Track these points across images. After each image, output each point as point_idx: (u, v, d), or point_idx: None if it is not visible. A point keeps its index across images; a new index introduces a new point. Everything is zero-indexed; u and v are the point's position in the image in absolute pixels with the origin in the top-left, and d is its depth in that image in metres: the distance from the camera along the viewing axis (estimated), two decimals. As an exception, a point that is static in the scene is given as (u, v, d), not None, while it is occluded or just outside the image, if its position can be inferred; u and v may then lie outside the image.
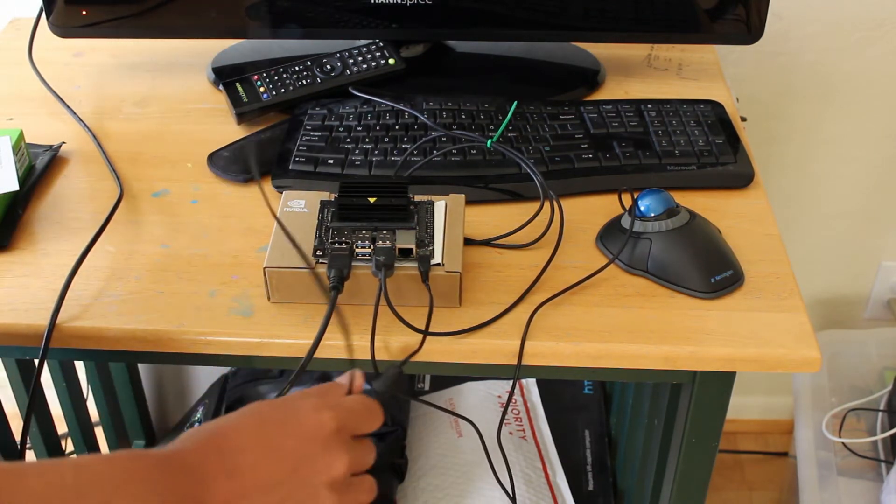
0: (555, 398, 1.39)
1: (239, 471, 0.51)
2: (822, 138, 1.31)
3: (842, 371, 1.34)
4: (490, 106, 0.89)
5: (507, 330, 0.69)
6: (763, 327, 0.69)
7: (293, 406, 0.54)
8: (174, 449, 0.51)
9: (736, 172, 0.84)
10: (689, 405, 0.75)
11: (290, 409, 0.54)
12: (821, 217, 1.39)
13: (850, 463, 1.23)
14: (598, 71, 1.02)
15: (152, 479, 0.49)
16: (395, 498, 1.20)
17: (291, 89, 0.93)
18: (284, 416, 0.53)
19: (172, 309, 0.70)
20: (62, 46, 1.01)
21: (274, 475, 0.52)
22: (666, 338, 0.69)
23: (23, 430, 0.80)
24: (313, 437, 0.53)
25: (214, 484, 0.50)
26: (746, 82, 1.24)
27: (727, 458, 1.61)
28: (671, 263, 0.73)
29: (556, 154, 0.84)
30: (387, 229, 0.70)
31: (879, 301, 1.47)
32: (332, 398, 0.56)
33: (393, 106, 0.89)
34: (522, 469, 1.25)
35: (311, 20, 0.96)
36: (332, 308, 0.66)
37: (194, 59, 1.03)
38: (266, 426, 0.53)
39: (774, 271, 0.75)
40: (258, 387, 1.31)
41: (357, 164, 0.83)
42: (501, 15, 0.95)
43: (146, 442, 1.48)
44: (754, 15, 0.93)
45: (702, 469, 0.79)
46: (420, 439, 1.28)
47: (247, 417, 0.53)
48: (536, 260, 0.75)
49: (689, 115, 0.89)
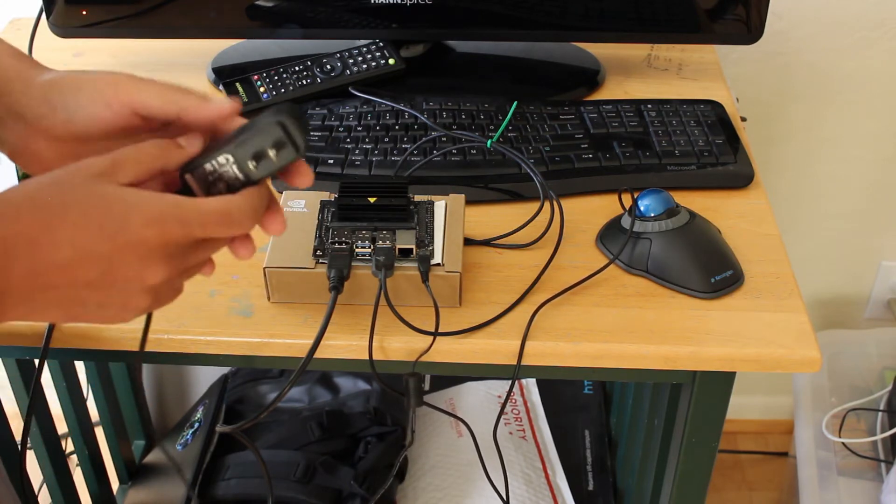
0: (555, 398, 1.39)
1: (44, 267, 0.49)
2: (822, 138, 1.31)
3: (842, 371, 1.34)
4: (490, 106, 0.89)
5: (507, 330, 0.69)
6: (763, 327, 0.70)
7: (124, 213, 0.50)
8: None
9: (736, 172, 0.84)
10: (689, 405, 0.75)
11: (118, 216, 0.50)
12: (821, 217, 1.39)
13: (850, 463, 1.23)
14: (598, 71, 1.02)
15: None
16: (395, 498, 1.20)
17: (291, 89, 0.93)
18: (108, 222, 0.50)
19: (172, 309, 0.70)
20: (62, 46, 1.01)
21: (81, 276, 0.50)
22: (666, 338, 0.69)
23: (23, 430, 0.80)
24: (131, 248, 0.50)
25: (14, 271, 0.48)
26: (746, 82, 1.24)
27: (727, 458, 1.61)
28: (671, 263, 0.73)
29: (556, 154, 0.84)
30: (387, 229, 0.70)
31: (879, 301, 1.47)
32: (175, 210, 0.51)
33: (393, 106, 0.89)
34: (522, 469, 1.25)
35: (311, 20, 0.96)
36: (332, 308, 0.66)
37: (194, 59, 1.03)
38: (87, 228, 0.49)
39: (774, 271, 0.75)
40: (258, 387, 1.31)
41: (357, 164, 0.83)
42: (501, 15, 0.95)
43: (146, 442, 1.48)
44: (754, 15, 0.93)
45: (702, 469, 0.79)
46: (420, 439, 1.28)
47: (72, 211, 0.49)
48: (536, 260, 0.75)
49: (689, 115, 0.89)
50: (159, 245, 0.50)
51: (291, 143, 0.53)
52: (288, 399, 1.28)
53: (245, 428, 0.65)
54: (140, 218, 0.50)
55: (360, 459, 1.18)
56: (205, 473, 1.18)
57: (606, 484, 1.30)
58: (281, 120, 0.52)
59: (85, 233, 0.49)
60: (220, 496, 1.16)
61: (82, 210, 0.49)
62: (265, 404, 1.17)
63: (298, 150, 0.53)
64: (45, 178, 0.50)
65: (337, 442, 1.20)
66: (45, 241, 0.48)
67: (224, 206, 0.52)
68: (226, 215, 0.52)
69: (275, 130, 0.53)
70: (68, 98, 0.58)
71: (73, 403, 1.18)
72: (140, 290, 0.52)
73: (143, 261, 0.50)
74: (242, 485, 1.17)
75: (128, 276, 0.51)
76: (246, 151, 0.53)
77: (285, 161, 0.53)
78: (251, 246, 0.56)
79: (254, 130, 0.53)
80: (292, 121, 0.53)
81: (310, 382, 1.30)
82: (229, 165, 0.53)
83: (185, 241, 0.52)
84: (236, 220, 0.53)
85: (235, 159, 0.53)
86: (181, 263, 0.53)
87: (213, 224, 0.52)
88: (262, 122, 0.53)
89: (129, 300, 0.52)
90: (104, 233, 0.49)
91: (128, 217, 0.50)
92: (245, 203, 0.53)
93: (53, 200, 0.49)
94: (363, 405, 1.24)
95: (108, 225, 0.49)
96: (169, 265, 0.51)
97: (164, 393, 1.51)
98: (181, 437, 1.29)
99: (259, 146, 0.53)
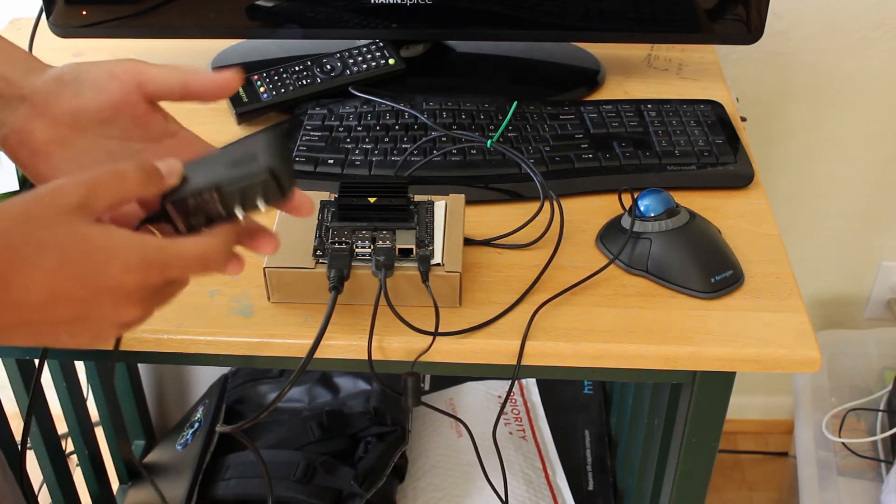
0: (555, 398, 1.39)
1: (16, 307, 0.48)
2: (822, 138, 1.31)
3: (842, 371, 1.34)
4: (490, 106, 0.89)
5: (507, 330, 0.69)
6: (763, 327, 0.70)
7: (104, 260, 0.49)
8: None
9: (736, 172, 0.84)
10: (689, 405, 0.75)
11: (98, 263, 0.49)
12: (821, 217, 1.39)
13: (850, 463, 1.23)
14: (598, 71, 1.02)
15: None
16: (395, 498, 1.20)
17: (291, 89, 0.93)
18: (87, 269, 0.49)
19: (172, 309, 0.70)
20: (62, 46, 1.01)
21: (54, 315, 0.49)
22: (666, 338, 0.69)
23: (23, 430, 0.80)
24: (109, 294, 0.50)
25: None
26: (746, 82, 1.24)
27: (727, 458, 1.61)
28: (671, 263, 0.73)
29: (556, 154, 0.84)
30: (387, 229, 0.70)
31: (879, 301, 1.47)
32: (157, 256, 0.51)
33: (393, 106, 0.89)
34: (522, 469, 1.25)
35: (311, 20, 0.96)
36: (332, 308, 0.66)
37: (194, 59, 1.03)
38: (63, 272, 0.48)
39: (774, 271, 0.75)
40: (258, 387, 1.31)
41: (357, 164, 0.83)
42: (501, 15, 0.95)
43: (146, 442, 1.48)
44: (754, 15, 0.93)
45: (702, 469, 0.79)
46: (420, 439, 1.28)
47: (49, 255, 0.48)
48: (536, 260, 0.75)
49: (689, 115, 0.89)
50: (137, 289, 0.50)
51: (279, 189, 0.53)
52: (288, 399, 1.28)
53: (245, 428, 0.65)
54: (120, 265, 0.49)
55: (359, 459, 1.18)
56: (205, 473, 1.18)
57: (606, 484, 1.30)
58: (272, 167, 0.52)
59: (61, 278, 0.48)
60: (220, 496, 1.16)
61: (61, 256, 0.48)
62: (265, 404, 1.17)
63: (285, 195, 0.54)
64: (14, 209, 0.48)
65: (337, 442, 1.20)
66: (18, 283, 0.47)
67: (203, 250, 0.53)
68: (204, 258, 0.53)
69: (264, 176, 0.53)
70: (80, 75, 0.59)
71: (73, 403, 1.18)
72: (113, 325, 0.52)
73: (118, 303, 0.50)
74: (242, 485, 1.17)
75: (103, 315, 0.50)
76: (233, 192, 0.53)
77: (271, 204, 0.54)
78: (241, 264, 0.56)
79: (242, 170, 0.53)
80: (282, 165, 0.53)
81: (310, 382, 1.30)
82: (214, 203, 0.53)
83: (162, 282, 0.52)
84: (212, 261, 0.53)
85: (221, 197, 0.53)
86: (154, 302, 0.53)
87: (191, 267, 0.53)
88: (252, 165, 0.53)
89: (101, 332, 0.52)
90: (81, 278, 0.48)
91: (108, 264, 0.49)
92: (221, 245, 0.54)
93: (29, 239, 0.48)
94: (363, 405, 1.24)
95: (86, 271, 0.48)
96: (143, 305, 0.52)
97: (164, 393, 1.52)
98: (181, 437, 1.29)
99: (247, 192, 0.53)
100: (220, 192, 0.53)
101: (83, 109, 0.59)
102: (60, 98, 0.58)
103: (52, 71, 0.60)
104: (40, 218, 0.48)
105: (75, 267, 0.48)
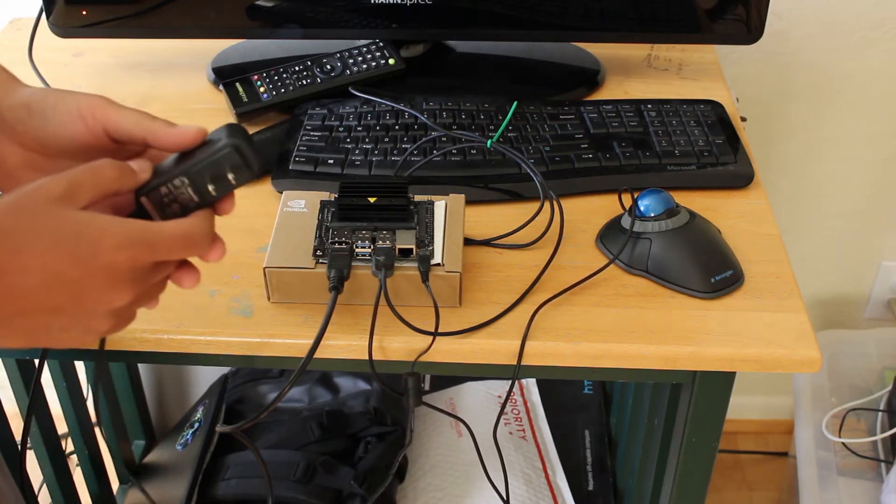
0: (555, 398, 1.39)
1: (13, 293, 0.49)
2: (822, 138, 1.31)
3: (842, 371, 1.34)
4: (490, 106, 0.89)
5: (507, 330, 0.69)
6: (763, 327, 0.70)
7: (95, 238, 0.50)
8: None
9: (736, 172, 0.84)
10: (689, 405, 0.75)
11: (90, 241, 0.50)
12: (821, 217, 1.39)
13: (850, 463, 1.23)
14: (598, 71, 1.02)
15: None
16: (395, 498, 1.20)
17: (291, 89, 0.93)
18: (79, 248, 0.50)
19: (172, 309, 0.70)
20: (62, 46, 1.01)
21: (50, 301, 0.50)
22: (666, 338, 0.69)
23: (23, 430, 0.81)
24: (102, 273, 0.51)
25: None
26: (746, 82, 1.24)
27: (727, 458, 1.61)
28: (671, 263, 0.73)
29: (556, 154, 0.84)
30: (387, 229, 0.70)
31: (879, 301, 1.47)
32: (143, 234, 0.52)
33: (393, 106, 0.89)
34: (522, 469, 1.25)
35: (311, 20, 0.96)
36: (332, 308, 0.66)
37: (194, 59, 1.03)
38: (57, 254, 0.49)
39: (774, 271, 0.75)
40: (258, 387, 1.31)
41: (357, 164, 0.83)
42: (501, 15, 0.95)
43: (146, 442, 1.48)
44: (754, 15, 0.94)
45: (702, 469, 0.79)
46: (420, 439, 1.28)
47: (42, 237, 0.49)
48: (536, 260, 0.75)
49: (689, 115, 0.89)
50: (128, 269, 0.52)
51: (247, 165, 0.56)
52: (288, 399, 1.28)
53: (245, 428, 0.65)
54: (111, 243, 0.51)
55: (360, 459, 1.18)
56: (205, 473, 1.18)
57: (606, 484, 1.30)
58: (236, 143, 0.55)
59: (55, 259, 0.49)
60: (220, 496, 1.16)
61: (53, 237, 0.49)
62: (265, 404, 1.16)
63: (253, 171, 0.56)
64: (2, 202, 0.50)
65: (337, 442, 1.20)
66: (13, 267, 0.48)
67: (186, 230, 0.55)
68: (188, 237, 0.55)
69: (231, 154, 0.55)
70: (47, 107, 0.59)
71: (73, 403, 1.18)
72: (105, 312, 0.53)
73: (111, 284, 0.51)
74: (242, 485, 1.17)
75: (96, 299, 0.52)
76: (201, 171, 0.56)
77: (243, 182, 0.56)
78: (196, 275, 0.58)
79: (208, 154, 0.56)
80: (246, 144, 0.56)
81: (310, 382, 1.30)
82: (185, 188, 0.56)
83: (150, 264, 0.53)
84: (196, 241, 0.55)
85: (191, 182, 0.56)
86: (143, 286, 0.54)
87: (177, 247, 0.54)
88: (216, 146, 0.56)
89: (92, 323, 0.53)
90: (75, 258, 0.50)
91: (99, 242, 0.50)
92: (204, 225, 0.56)
93: (20, 226, 0.49)
94: (363, 405, 1.24)
95: (79, 250, 0.50)
96: (134, 288, 0.53)
97: (164, 393, 1.52)
98: (181, 437, 1.29)
99: (215, 168, 0.56)
100: (189, 175, 0.56)
101: (50, 141, 0.59)
102: (27, 126, 0.59)
103: (22, 95, 0.60)
104: (29, 207, 0.50)
105: (67, 245, 0.50)
